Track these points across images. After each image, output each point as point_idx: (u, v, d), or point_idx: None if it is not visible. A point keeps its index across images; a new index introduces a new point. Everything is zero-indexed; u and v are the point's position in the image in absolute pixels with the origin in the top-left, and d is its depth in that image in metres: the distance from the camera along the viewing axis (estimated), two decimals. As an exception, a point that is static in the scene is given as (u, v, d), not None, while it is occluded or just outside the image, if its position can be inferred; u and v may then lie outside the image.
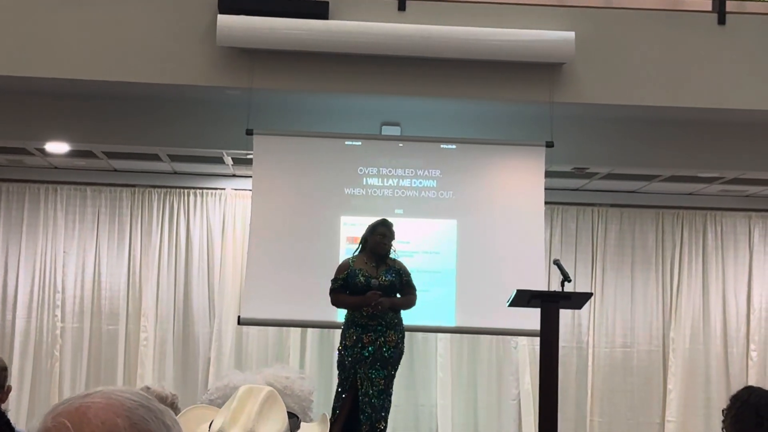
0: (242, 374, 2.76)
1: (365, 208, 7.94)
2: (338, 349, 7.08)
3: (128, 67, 7.61)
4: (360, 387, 6.76)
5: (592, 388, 9.93)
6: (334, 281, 7.05)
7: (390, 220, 7.26)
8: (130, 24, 7.63)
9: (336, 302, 7.10)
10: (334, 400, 6.95)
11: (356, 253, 7.13)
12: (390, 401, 6.93)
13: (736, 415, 3.74)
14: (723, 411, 3.85)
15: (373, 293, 6.83)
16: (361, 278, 6.90)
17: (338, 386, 6.95)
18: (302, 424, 2.28)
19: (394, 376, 6.97)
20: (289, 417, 2.20)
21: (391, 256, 7.11)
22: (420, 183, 8.24)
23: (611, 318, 10.04)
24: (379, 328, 6.84)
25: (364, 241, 7.10)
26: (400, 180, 8.25)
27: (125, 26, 7.63)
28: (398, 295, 7.04)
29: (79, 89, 7.94)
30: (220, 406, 2.31)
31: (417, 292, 7.12)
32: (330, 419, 6.72)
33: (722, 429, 3.80)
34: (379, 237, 7.02)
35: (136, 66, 7.62)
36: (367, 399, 6.73)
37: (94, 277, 9.78)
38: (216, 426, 2.09)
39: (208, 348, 9.72)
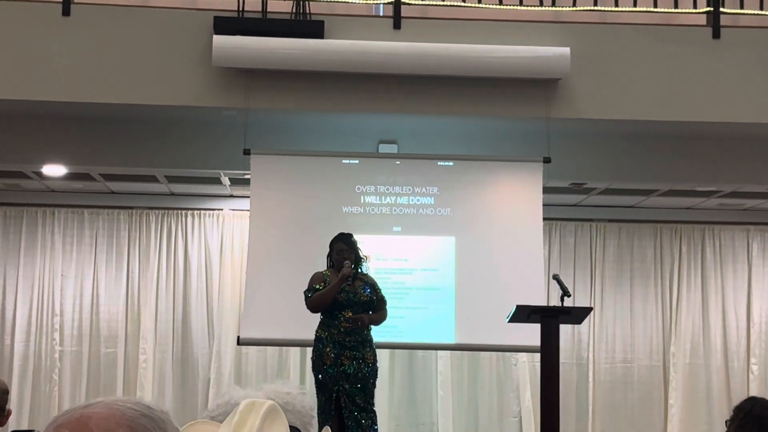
0: (243, 390, 2.74)
1: (363, 227, 7.93)
2: (314, 369, 6.97)
3: (124, 89, 7.62)
4: (343, 405, 6.74)
5: (593, 404, 9.90)
6: (310, 290, 6.93)
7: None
8: (126, 46, 7.64)
9: (314, 304, 6.90)
10: (320, 423, 6.85)
11: (327, 270, 7.09)
12: (375, 418, 6.90)
13: (740, 426, 3.72)
14: (726, 422, 3.84)
15: (348, 268, 6.80)
16: (343, 294, 6.85)
17: (321, 408, 6.83)
18: (304, 438, 2.26)
19: (373, 393, 6.95)
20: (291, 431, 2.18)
21: (363, 270, 7.09)
22: (418, 200, 8.24)
23: (611, 333, 10.02)
24: (356, 344, 6.81)
25: (329, 257, 7.10)
26: (398, 198, 8.24)
27: (121, 48, 7.63)
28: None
29: (75, 112, 7.94)
30: (221, 422, 2.29)
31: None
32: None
33: (726, 440, 3.79)
34: (336, 255, 7.01)
35: (132, 88, 7.63)
36: (352, 417, 6.71)
37: (92, 299, 9.76)
38: (217, 441, 2.06)
39: (208, 369, 9.69)
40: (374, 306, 6.97)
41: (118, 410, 1.24)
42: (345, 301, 6.84)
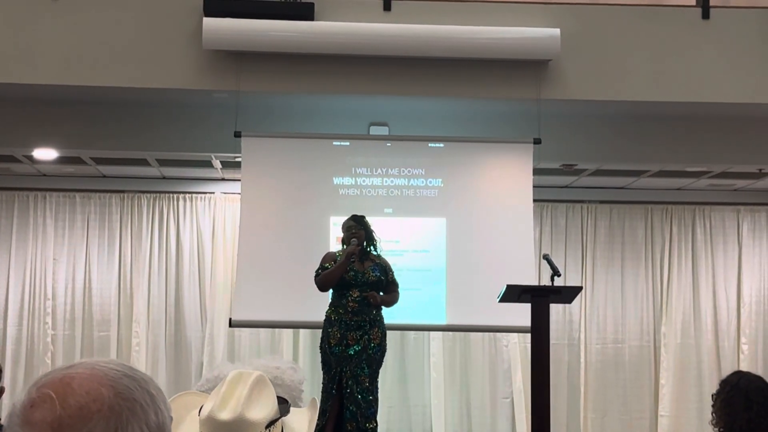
0: (233, 365, 2.77)
1: (354, 208, 7.92)
2: (321, 348, 7.02)
3: (114, 72, 7.61)
4: (345, 386, 6.75)
5: (584, 384, 9.95)
6: (320, 268, 7.00)
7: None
8: (116, 29, 7.63)
9: (322, 283, 6.97)
10: (322, 401, 6.87)
11: (340, 251, 7.12)
12: (377, 400, 6.90)
13: (726, 399, 3.75)
14: (713, 396, 3.87)
15: (353, 245, 6.84)
16: (351, 273, 6.88)
17: (324, 386, 6.89)
18: (291, 408, 2.28)
19: (378, 374, 6.96)
20: (279, 402, 2.21)
21: (375, 253, 7.10)
22: (409, 182, 8.26)
23: (602, 314, 10.06)
24: (363, 324, 6.82)
25: (343, 240, 7.14)
26: (389, 179, 8.26)
27: (111, 31, 7.62)
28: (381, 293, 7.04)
29: (66, 95, 7.93)
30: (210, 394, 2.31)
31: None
32: (319, 423, 6.67)
33: (712, 413, 3.81)
34: (345, 232, 7.06)
35: (122, 71, 7.62)
36: (352, 397, 6.72)
37: (84, 283, 9.77)
38: (206, 411, 2.09)
39: (201, 352, 9.72)
40: (383, 287, 6.98)
41: (100, 371, 1.26)
42: (352, 280, 6.86)
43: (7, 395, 9.21)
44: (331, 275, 6.91)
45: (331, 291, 7.05)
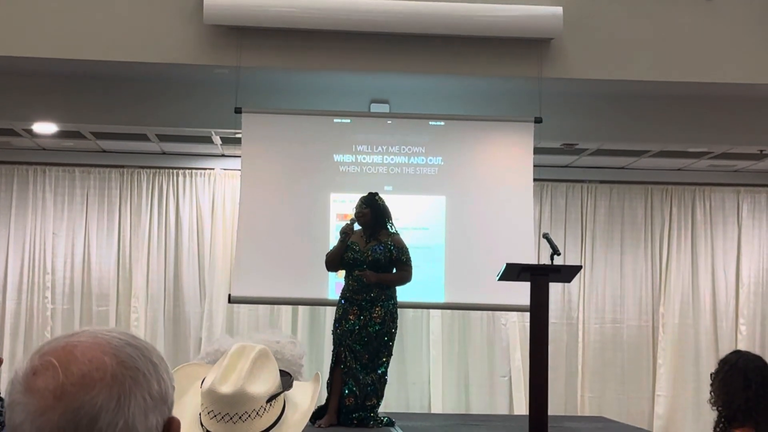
0: (233, 339, 2.76)
1: (354, 185, 7.93)
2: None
3: (115, 46, 7.58)
4: (344, 360, 6.78)
5: (582, 364, 9.97)
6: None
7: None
8: (117, 2, 7.60)
9: (325, 262, 7.05)
10: (329, 373, 6.92)
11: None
12: (381, 379, 6.88)
13: (724, 378, 3.75)
14: (711, 375, 3.87)
15: (346, 225, 6.90)
16: (350, 253, 6.89)
17: (331, 362, 6.96)
18: (294, 383, 2.28)
19: (384, 354, 6.90)
20: (282, 375, 2.20)
21: (392, 231, 7.07)
22: (409, 159, 8.25)
23: (601, 294, 10.07)
24: (364, 303, 6.84)
25: None
26: (389, 157, 8.25)
27: (112, 5, 7.60)
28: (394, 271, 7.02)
29: (66, 69, 7.90)
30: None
31: (412, 269, 7.07)
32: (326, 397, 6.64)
33: (710, 392, 3.81)
34: (355, 211, 7.04)
35: (123, 45, 7.59)
36: (351, 373, 6.74)
37: (83, 258, 9.77)
38: (207, 383, 2.09)
39: (200, 327, 9.73)
40: (383, 267, 6.94)
41: (103, 339, 1.25)
42: (351, 260, 6.89)
43: (5, 369, 9.23)
44: (330, 255, 7.01)
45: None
